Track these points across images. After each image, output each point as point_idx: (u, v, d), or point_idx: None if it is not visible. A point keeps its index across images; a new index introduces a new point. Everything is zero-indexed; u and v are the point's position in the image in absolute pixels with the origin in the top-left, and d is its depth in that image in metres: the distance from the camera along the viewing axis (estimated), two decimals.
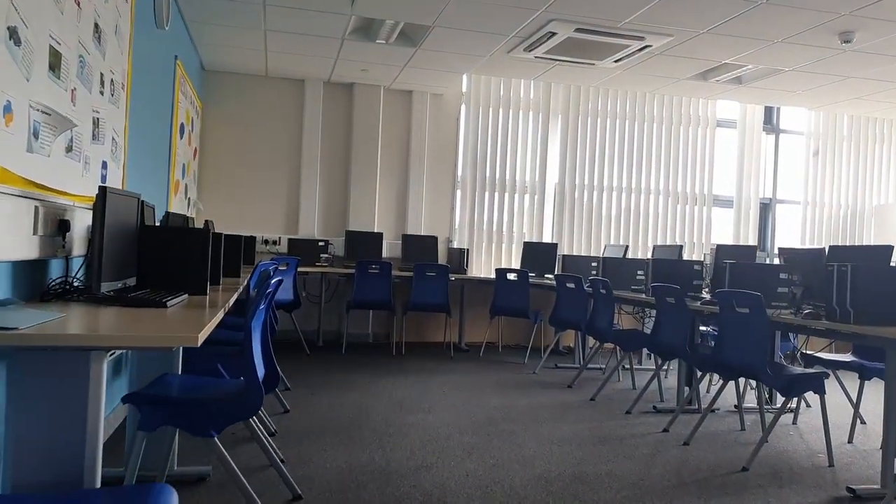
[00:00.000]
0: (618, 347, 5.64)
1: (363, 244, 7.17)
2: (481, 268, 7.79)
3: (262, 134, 7.31)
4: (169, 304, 2.07)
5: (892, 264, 4.05)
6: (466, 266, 7.33)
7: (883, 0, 4.67)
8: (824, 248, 4.51)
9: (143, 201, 2.60)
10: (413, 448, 3.72)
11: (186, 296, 2.36)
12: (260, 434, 2.73)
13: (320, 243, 7.16)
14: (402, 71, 6.87)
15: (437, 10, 5.17)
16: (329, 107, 7.45)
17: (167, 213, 3.82)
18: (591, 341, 6.37)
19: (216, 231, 5.55)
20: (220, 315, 1.98)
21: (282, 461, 3.24)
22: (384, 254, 7.24)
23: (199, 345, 1.42)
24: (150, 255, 2.44)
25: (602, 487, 3.27)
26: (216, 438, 2.05)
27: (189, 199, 6.38)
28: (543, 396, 5.26)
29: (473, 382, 5.66)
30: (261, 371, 2.31)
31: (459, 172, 7.78)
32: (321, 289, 7.05)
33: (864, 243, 8.54)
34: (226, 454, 2.19)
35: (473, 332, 7.35)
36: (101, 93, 3.07)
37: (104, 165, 3.15)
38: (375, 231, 7.39)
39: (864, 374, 4.28)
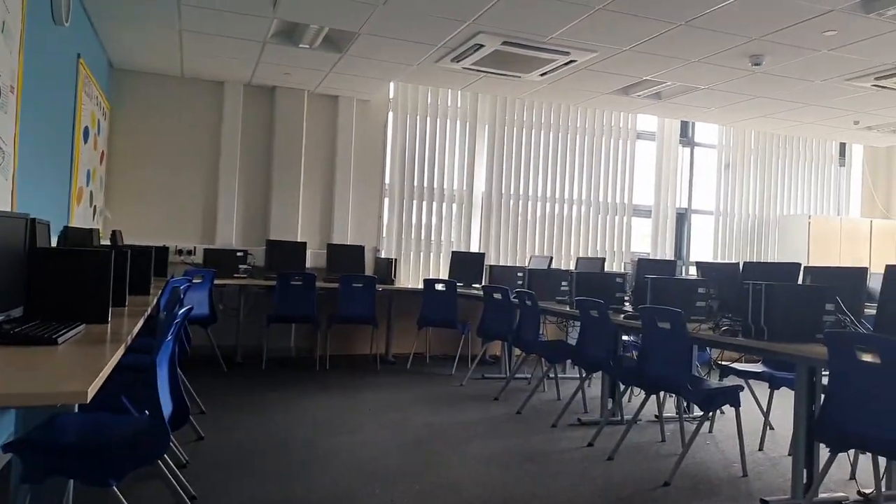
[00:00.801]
0: (544, 358, 5.67)
1: (285, 254, 6.93)
2: (409, 278, 7.70)
3: (177, 137, 6.98)
4: (60, 339, 1.86)
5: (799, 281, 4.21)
6: (394, 276, 7.23)
7: (789, 28, 4.88)
8: (739, 263, 4.66)
9: (32, 220, 2.37)
10: (337, 475, 3.58)
11: (83, 326, 2.16)
12: (166, 473, 2.53)
13: (239, 253, 6.88)
14: (328, 76, 6.71)
15: (362, 17, 5.06)
16: (250, 110, 7.18)
17: (66, 229, 3.54)
18: (518, 350, 6.39)
19: (125, 242, 5.25)
20: (120, 352, 1.81)
21: (192, 498, 3.04)
22: (308, 264, 7.04)
23: (88, 401, 1.27)
24: (42, 280, 2.22)
25: None
26: (115, 488, 1.87)
27: (95, 207, 6.00)
28: (471, 410, 5.22)
29: (400, 398, 5.56)
30: (168, 408, 2.14)
31: (387, 180, 7.67)
32: (240, 302, 6.78)
33: (771, 251, 8.97)
34: None
35: (401, 343, 7.24)
36: None
37: None
38: (299, 240, 7.17)
39: (774, 384, 4.48)
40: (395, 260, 7.35)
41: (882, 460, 3.51)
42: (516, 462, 3.98)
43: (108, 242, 5.01)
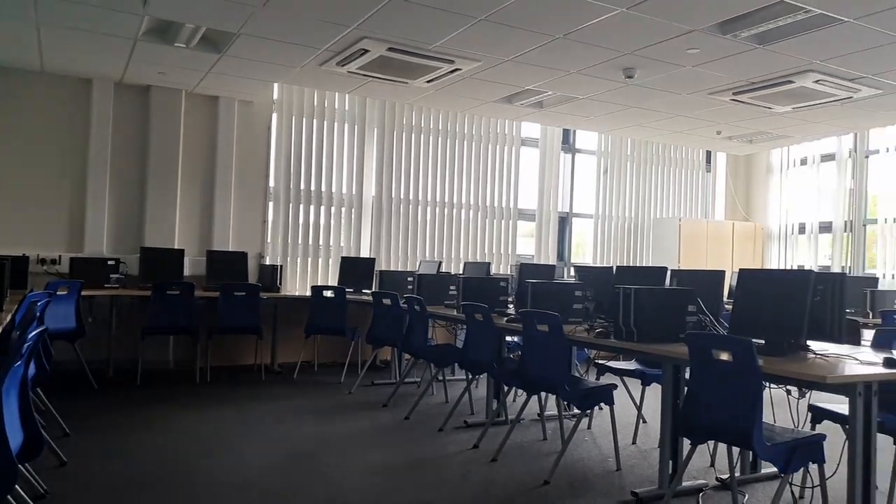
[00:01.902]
0: (432, 363, 5.73)
1: (161, 262, 6.59)
2: (296, 285, 7.55)
3: (39, 137, 6.48)
4: None
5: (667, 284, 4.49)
6: (280, 284, 7.06)
7: (656, 44, 5.20)
8: (612, 267, 4.91)
9: None
10: (217, 499, 3.45)
11: None
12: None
13: (110, 262, 6.47)
14: (206, 76, 6.46)
15: (241, 18, 4.91)
16: (121, 110, 6.78)
17: None
18: (408, 355, 6.42)
19: None
20: None
21: None
22: (186, 272, 6.73)
23: None
24: None
25: None
26: None
27: None
28: (359, 419, 5.19)
29: (287, 409, 5.44)
30: (16, 439, 1.99)
31: (272, 184, 7.48)
32: (111, 313, 6.39)
33: (646, 253, 9.51)
34: None
35: (288, 352, 7.05)
36: None
37: None
38: (176, 247, 6.85)
39: (646, 381, 4.74)
40: (281, 266, 7.19)
41: (736, 449, 3.80)
42: (402, 470, 4.00)
43: None
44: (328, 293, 6.76)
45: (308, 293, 6.93)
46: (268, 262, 7.35)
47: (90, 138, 6.65)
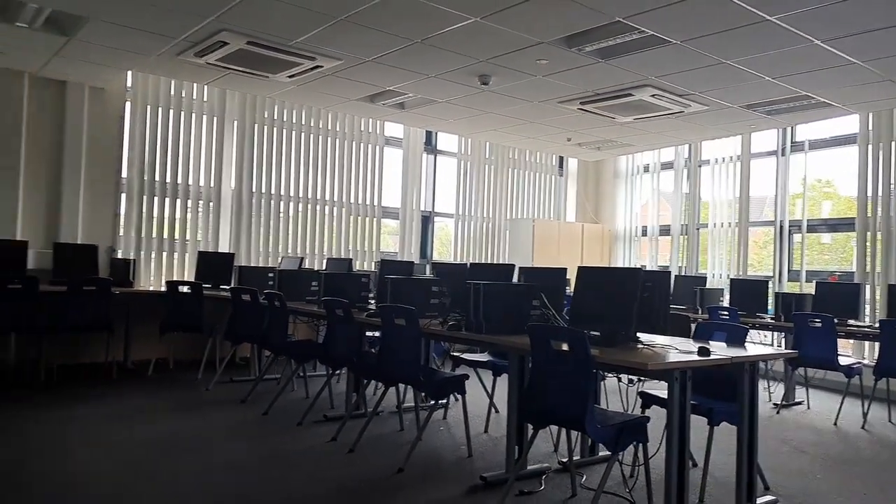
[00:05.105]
0: (292, 359, 5.76)
1: (2, 255, 6.12)
2: (150, 280, 7.27)
3: None
4: None
5: (514, 280, 4.82)
6: (133, 278, 6.78)
7: (508, 54, 5.54)
8: (467, 264, 5.18)
9: None
10: (61, 496, 3.34)
11: None
12: None
13: None
14: (53, 59, 6.08)
15: (90, 1, 4.70)
16: None
17: None
18: (267, 352, 6.38)
19: None
20: None
21: None
22: (30, 265, 6.30)
23: None
24: None
25: None
26: None
27: None
28: (216, 415, 5.14)
29: (140, 406, 5.28)
30: None
31: (125, 175, 7.16)
32: None
33: (502, 251, 9.98)
34: None
35: (142, 349, 6.78)
36: None
37: None
38: (18, 239, 6.39)
39: (497, 371, 5.02)
40: (134, 261, 6.91)
41: (575, 433, 4.16)
42: (256, 464, 4.03)
43: None
44: (184, 288, 6.59)
45: (163, 288, 6.71)
46: (120, 256, 7.02)
47: None
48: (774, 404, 6.34)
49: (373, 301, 5.62)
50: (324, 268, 7.31)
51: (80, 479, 3.68)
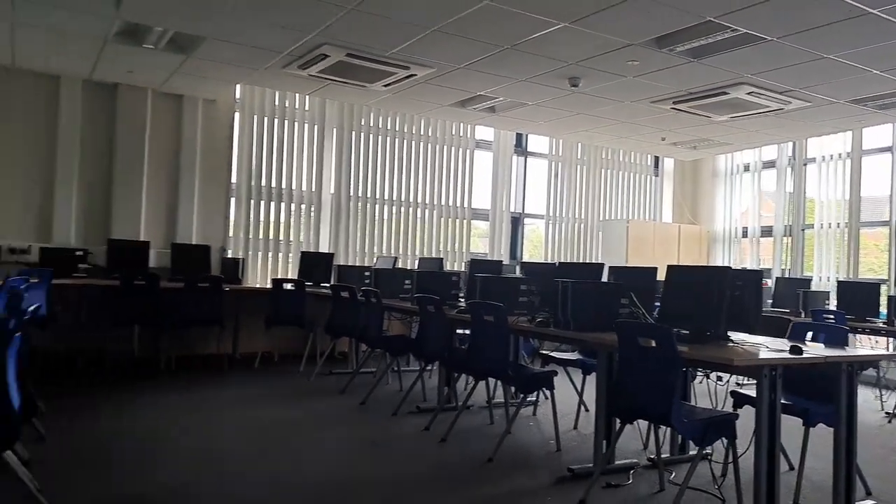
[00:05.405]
0: (387, 352, 6.03)
1: (128, 254, 6.76)
2: (257, 278, 7.78)
3: (7, 130, 6.60)
4: None
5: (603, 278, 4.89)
6: (242, 276, 7.29)
7: (598, 56, 5.59)
8: (556, 263, 5.28)
9: None
10: (185, 469, 3.73)
11: None
12: (19, 463, 2.61)
13: (78, 253, 6.63)
14: (172, 76, 6.65)
15: (209, 22, 5.15)
16: (89, 106, 6.93)
17: None
18: (364, 346, 6.70)
19: None
20: None
21: (39, 490, 3.08)
22: (151, 264, 6.92)
23: None
24: None
25: (368, 488, 3.59)
26: None
27: None
28: (317, 404, 5.48)
29: (249, 395, 5.70)
30: (16, 401, 2.25)
31: (234, 180, 7.70)
32: (79, 303, 6.54)
33: (595, 252, 9.93)
34: None
35: (249, 342, 7.28)
36: None
37: None
38: (142, 240, 7.03)
39: (587, 370, 5.06)
40: (243, 260, 7.42)
41: (664, 430, 4.17)
42: (358, 447, 4.32)
43: None
44: (288, 286, 7.02)
45: (269, 286, 7.18)
46: (230, 256, 7.56)
47: (58, 133, 6.79)
48: (886, 413, 6.04)
49: (463, 299, 5.81)
50: (416, 267, 7.57)
51: (215, 446, 4.09)
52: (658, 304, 4.28)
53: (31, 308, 2.64)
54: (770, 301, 7.61)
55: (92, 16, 5.09)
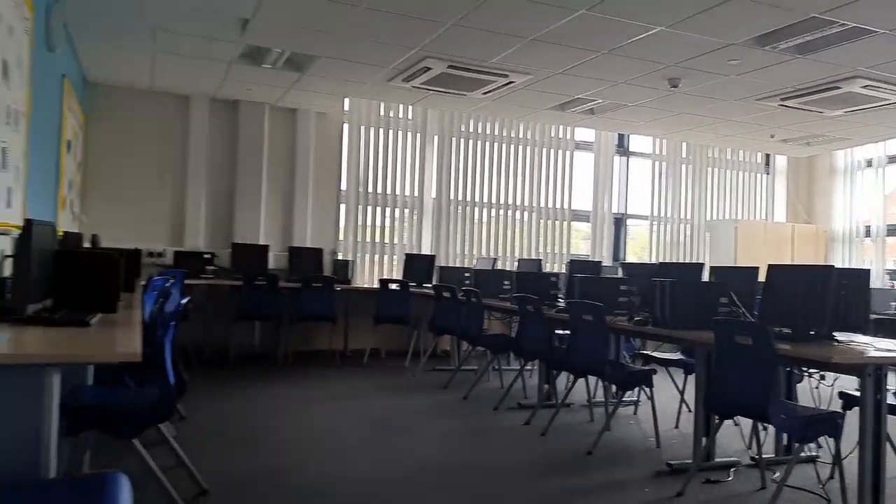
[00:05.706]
0: (488, 350, 6.26)
1: (249, 256, 7.38)
2: (365, 278, 8.22)
3: (147, 146, 7.37)
4: (90, 322, 2.37)
5: (703, 278, 4.89)
6: (351, 277, 7.74)
7: (697, 57, 5.58)
8: (657, 263, 5.32)
9: (54, 228, 2.85)
10: (305, 450, 4.13)
11: (100, 314, 2.64)
12: (169, 436, 3.03)
13: (206, 255, 7.31)
14: (288, 92, 7.19)
15: (323, 42, 5.58)
16: (215, 122, 7.62)
17: (65, 234, 3.97)
18: (465, 344, 6.96)
19: (102, 245, 5.65)
20: (139, 331, 2.30)
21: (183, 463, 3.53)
22: (270, 265, 7.49)
23: (141, 359, 1.77)
24: (66, 277, 2.71)
25: (471, 474, 3.82)
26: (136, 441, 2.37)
27: (74, 212, 6.36)
28: (422, 397, 5.78)
29: (359, 387, 6.09)
30: (172, 380, 2.65)
31: (343, 187, 8.19)
32: (207, 301, 7.18)
33: (702, 254, 9.70)
34: (146, 454, 2.52)
35: (358, 339, 7.72)
36: (8, 123, 3.24)
37: (9, 192, 3.32)
38: (261, 243, 7.63)
39: (688, 370, 5.05)
40: (352, 261, 7.88)
41: (767, 430, 4.14)
42: (460, 438, 4.57)
43: (88, 245, 5.41)
44: (394, 286, 7.40)
45: (376, 286, 7.60)
46: (340, 258, 8.04)
47: (189, 147, 7.52)
48: None
49: (562, 299, 5.93)
50: (515, 268, 7.76)
51: (332, 432, 4.48)
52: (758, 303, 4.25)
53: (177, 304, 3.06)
54: (894, 304, 7.25)
55: (221, 42, 5.64)
